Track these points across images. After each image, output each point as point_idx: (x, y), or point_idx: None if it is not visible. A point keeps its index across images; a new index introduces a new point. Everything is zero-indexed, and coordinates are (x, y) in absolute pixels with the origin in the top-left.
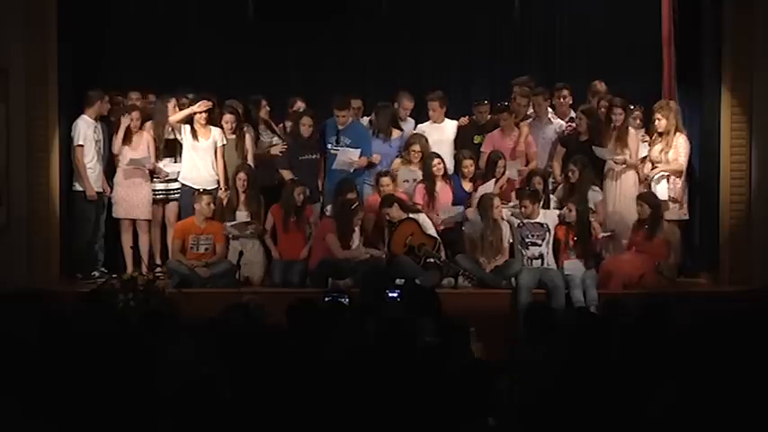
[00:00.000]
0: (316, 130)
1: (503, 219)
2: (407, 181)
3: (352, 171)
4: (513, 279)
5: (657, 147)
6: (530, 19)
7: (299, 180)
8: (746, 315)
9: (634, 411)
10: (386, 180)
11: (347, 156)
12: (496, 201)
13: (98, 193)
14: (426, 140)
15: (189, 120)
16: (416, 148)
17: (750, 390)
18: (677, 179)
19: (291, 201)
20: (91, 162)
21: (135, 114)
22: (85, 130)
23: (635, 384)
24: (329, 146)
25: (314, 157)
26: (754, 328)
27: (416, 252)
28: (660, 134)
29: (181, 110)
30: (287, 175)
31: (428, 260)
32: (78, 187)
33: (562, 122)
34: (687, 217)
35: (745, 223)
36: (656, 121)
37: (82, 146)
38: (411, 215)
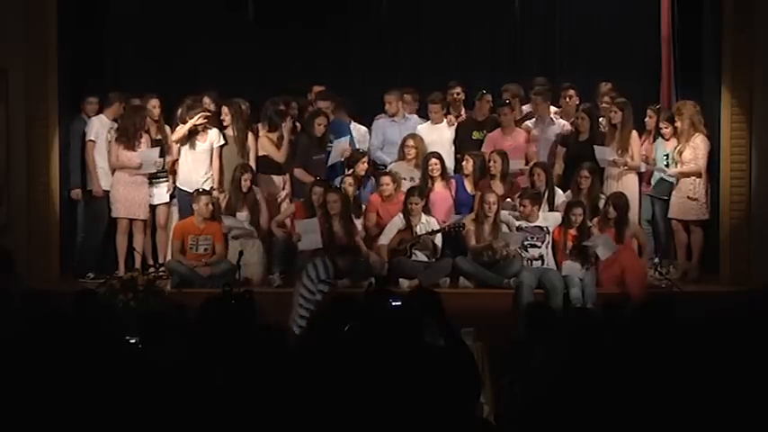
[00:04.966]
0: (329, 130)
1: (501, 220)
2: (405, 179)
3: (343, 159)
4: (513, 279)
5: (672, 146)
6: (530, 19)
7: (320, 180)
8: (746, 315)
9: (634, 411)
10: (386, 179)
11: (339, 147)
12: (492, 197)
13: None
14: (422, 139)
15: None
16: (411, 143)
17: (750, 389)
18: (696, 179)
19: (309, 202)
20: (102, 161)
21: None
22: (99, 128)
23: (635, 384)
24: (330, 144)
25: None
26: (755, 328)
27: (397, 248)
28: (676, 134)
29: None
30: (300, 174)
31: (413, 247)
32: (89, 186)
33: (565, 122)
34: (706, 217)
35: (745, 223)
36: (676, 123)
37: (94, 141)
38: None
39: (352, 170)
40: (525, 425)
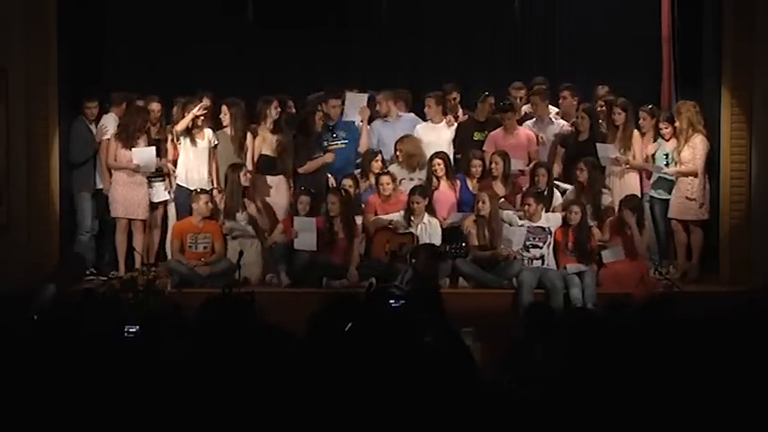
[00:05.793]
0: (326, 128)
1: (503, 220)
2: (404, 179)
3: (360, 122)
4: (513, 279)
5: (673, 146)
6: (530, 19)
7: (304, 189)
8: (746, 315)
9: (634, 411)
10: (386, 179)
11: (356, 101)
12: (485, 195)
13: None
14: (411, 141)
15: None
16: (398, 146)
17: (750, 390)
18: (694, 179)
19: (296, 212)
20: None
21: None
22: (112, 125)
23: (635, 384)
24: (325, 142)
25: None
26: (755, 328)
27: (399, 254)
28: (675, 134)
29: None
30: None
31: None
32: (100, 185)
33: (564, 123)
34: (705, 217)
35: (745, 223)
36: (676, 123)
37: (109, 140)
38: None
39: (363, 169)
40: (525, 425)
